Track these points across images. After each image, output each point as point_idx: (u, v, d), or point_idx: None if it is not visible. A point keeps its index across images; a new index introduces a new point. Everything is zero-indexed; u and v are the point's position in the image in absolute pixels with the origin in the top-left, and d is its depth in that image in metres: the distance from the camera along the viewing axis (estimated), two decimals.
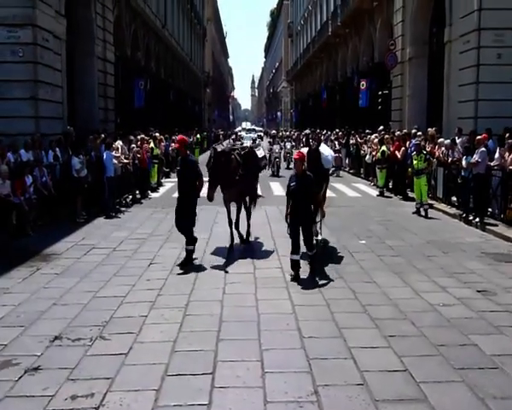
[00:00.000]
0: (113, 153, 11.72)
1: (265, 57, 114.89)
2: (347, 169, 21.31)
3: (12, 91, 11.89)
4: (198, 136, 29.43)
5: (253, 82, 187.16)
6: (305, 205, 6.66)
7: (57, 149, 11.45)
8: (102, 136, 12.82)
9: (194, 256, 7.36)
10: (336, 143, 21.62)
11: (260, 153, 8.74)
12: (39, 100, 12.32)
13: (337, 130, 24.65)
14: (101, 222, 10.43)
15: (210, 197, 7.48)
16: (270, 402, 3.74)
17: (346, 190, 15.75)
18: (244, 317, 5.33)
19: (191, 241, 7.22)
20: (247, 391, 3.89)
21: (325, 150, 8.07)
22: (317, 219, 7.83)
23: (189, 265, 7.06)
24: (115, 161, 11.51)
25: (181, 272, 6.88)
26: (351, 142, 20.67)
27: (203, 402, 3.72)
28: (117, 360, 4.31)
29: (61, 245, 8.28)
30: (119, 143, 12.73)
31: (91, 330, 4.92)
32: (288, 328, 5.05)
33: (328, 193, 14.50)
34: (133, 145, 13.47)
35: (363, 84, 23.25)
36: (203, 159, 10.85)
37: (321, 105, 35.00)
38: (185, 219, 7.20)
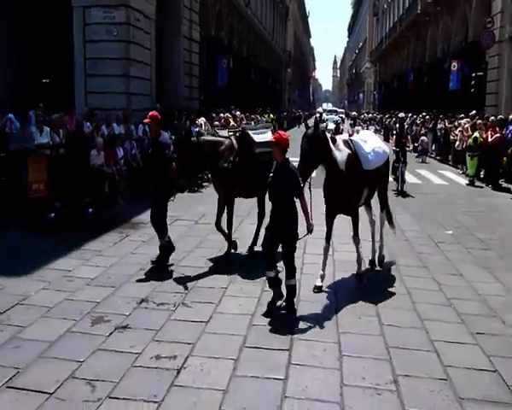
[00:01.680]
0: (197, 129, 12.06)
1: (348, 37, 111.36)
2: (433, 155, 20.19)
3: (106, 68, 12.63)
4: (271, 116, 27.88)
5: (334, 62, 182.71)
6: (280, 212, 4.79)
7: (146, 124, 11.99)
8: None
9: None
10: (422, 127, 20.52)
11: (261, 137, 6.29)
12: (131, 77, 12.98)
13: (423, 113, 23.35)
14: (184, 195, 10.81)
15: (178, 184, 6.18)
16: (346, 385, 3.69)
17: (431, 177, 14.95)
18: (321, 298, 5.29)
19: (162, 236, 6.12)
20: (323, 372, 3.87)
21: (366, 143, 5.77)
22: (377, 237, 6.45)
23: (162, 264, 6.01)
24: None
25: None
26: (438, 126, 19.50)
27: (280, 377, 3.76)
28: (198, 328, 4.49)
29: (148, 215, 8.70)
30: (202, 120, 13.07)
31: (174, 297, 5.17)
32: (367, 313, 4.93)
33: (414, 179, 14.04)
34: (216, 122, 13.76)
35: (454, 66, 21.76)
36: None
37: (407, 87, 33.36)
38: (156, 214, 6.12)
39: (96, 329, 4.43)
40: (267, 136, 6.25)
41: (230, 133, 6.69)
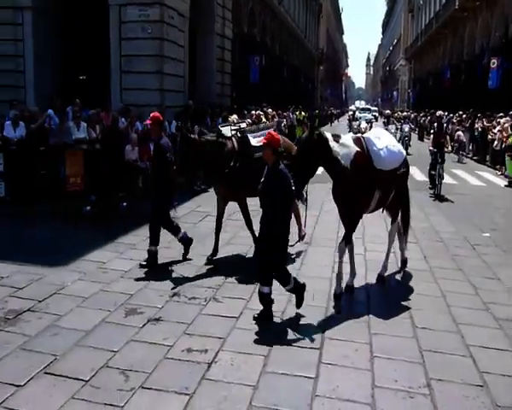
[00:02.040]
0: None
1: (383, 34, 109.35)
2: (470, 155, 19.59)
3: (141, 65, 12.84)
4: (303, 113, 26.54)
5: (368, 60, 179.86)
6: (270, 216, 4.46)
7: (179, 122, 12.15)
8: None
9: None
10: (459, 126, 19.95)
11: (257, 141, 5.80)
12: (164, 74, 13.16)
13: (460, 112, 22.70)
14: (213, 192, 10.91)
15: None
16: (378, 387, 3.64)
17: (468, 177, 14.51)
18: (352, 298, 5.23)
19: (155, 241, 6.00)
20: (354, 372, 3.83)
21: (379, 139, 5.34)
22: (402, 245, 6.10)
23: (151, 266, 5.88)
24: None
25: None
26: (476, 126, 18.92)
27: (310, 375, 3.74)
28: (228, 323, 4.52)
29: (180, 210, 8.83)
30: (234, 117, 13.11)
31: (206, 292, 5.22)
32: (399, 315, 4.84)
33: (449, 180, 13.67)
34: (249, 120, 13.76)
35: (493, 63, 21.05)
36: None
37: (443, 85, 32.48)
38: (157, 216, 6.03)
39: (130, 320, 4.52)
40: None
41: (233, 132, 6.17)
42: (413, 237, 7.66)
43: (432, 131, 11.72)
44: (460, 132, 19.08)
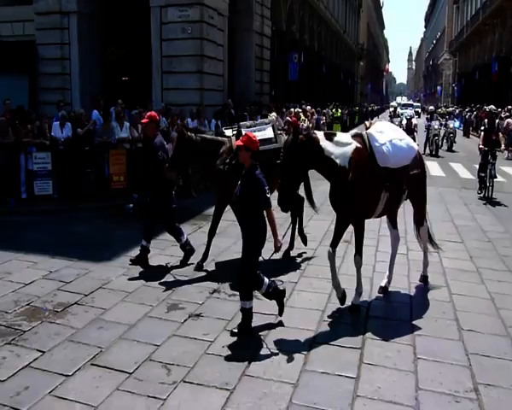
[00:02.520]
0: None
1: (425, 27, 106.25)
2: None
3: (181, 65, 13.05)
4: (339, 110, 25.40)
5: (410, 54, 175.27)
6: (243, 223, 4.28)
7: (219, 120, 12.26)
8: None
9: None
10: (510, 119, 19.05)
11: (259, 135, 5.29)
12: (204, 73, 13.31)
13: (509, 107, 21.71)
14: None
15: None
16: (422, 390, 3.54)
17: None
18: (395, 298, 5.11)
19: (148, 237, 6.01)
20: (397, 373, 3.74)
21: (382, 133, 4.74)
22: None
23: (142, 264, 5.90)
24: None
25: None
26: None
27: (351, 375, 3.69)
28: (268, 319, 4.52)
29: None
30: (274, 115, 13.10)
31: None
32: (444, 316, 4.69)
33: (498, 178, 13.06)
34: (288, 118, 13.73)
35: None
36: None
37: (490, 79, 31.15)
38: (150, 216, 6.03)
39: (172, 315, 4.61)
40: (266, 133, 5.71)
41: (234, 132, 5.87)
42: (458, 236, 7.41)
43: (482, 128, 10.86)
44: (509, 119, 18.19)
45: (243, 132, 5.33)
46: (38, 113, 10.52)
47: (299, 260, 6.29)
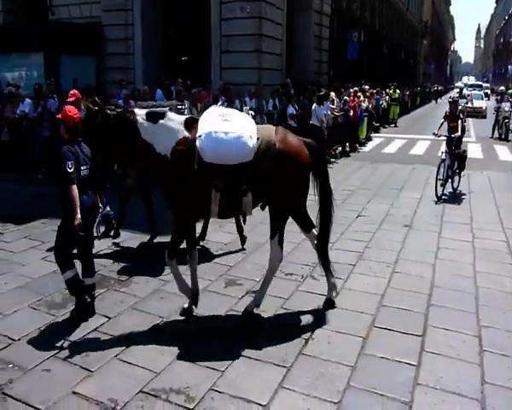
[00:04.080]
0: (329, 104, 11.86)
1: (496, 2, 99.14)
2: None
3: (240, 45, 12.99)
4: (397, 91, 23.14)
5: (478, 32, 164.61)
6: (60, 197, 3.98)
7: (276, 99, 12.17)
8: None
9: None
10: None
11: None
12: (262, 52, 13.19)
13: None
14: None
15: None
16: (488, 383, 3.37)
17: None
18: (459, 286, 4.88)
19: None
20: (461, 364, 3.59)
21: (206, 121, 3.96)
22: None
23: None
24: (328, 112, 11.64)
25: None
26: None
27: (412, 362, 3.58)
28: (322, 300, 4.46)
29: None
30: (333, 95, 12.83)
31: (302, 268, 5.22)
32: None
33: None
34: (346, 97, 13.39)
35: None
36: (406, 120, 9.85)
37: None
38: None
39: (229, 291, 4.68)
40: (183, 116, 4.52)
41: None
42: None
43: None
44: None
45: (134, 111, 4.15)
46: (105, 91, 10.92)
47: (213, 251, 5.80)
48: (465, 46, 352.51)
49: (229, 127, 3.89)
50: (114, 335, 3.87)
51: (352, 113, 13.32)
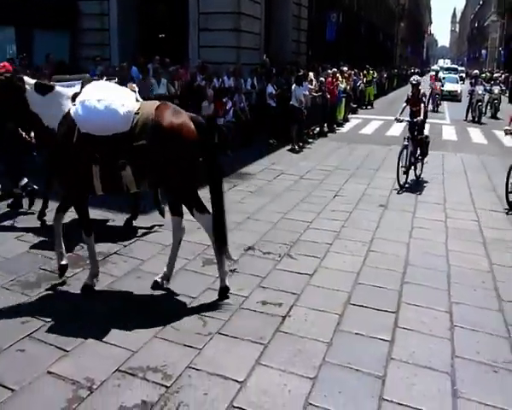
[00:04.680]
0: (308, 85, 11.83)
1: None
2: None
3: (218, 23, 12.78)
4: (371, 72, 22.85)
5: (453, 16, 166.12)
6: None
7: (254, 78, 12.07)
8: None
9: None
10: None
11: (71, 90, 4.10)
12: (241, 31, 13.01)
13: None
14: (288, 150, 10.88)
15: None
16: (458, 357, 3.49)
17: None
18: (432, 265, 5.00)
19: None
20: (432, 339, 3.70)
21: (82, 94, 3.89)
22: None
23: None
24: (307, 92, 11.62)
25: None
26: None
27: (385, 338, 3.66)
28: (302, 279, 4.53)
29: (254, 167, 8.94)
30: (311, 75, 12.79)
31: (280, 247, 5.25)
32: (483, 286, 4.57)
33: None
34: (322, 78, 13.37)
35: None
36: (383, 101, 9.98)
37: None
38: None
39: (207, 269, 4.68)
40: (75, 90, 4.18)
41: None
42: (500, 206, 7.15)
43: None
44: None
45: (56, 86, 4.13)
46: (79, 68, 10.60)
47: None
48: (441, 30, 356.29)
49: (102, 95, 3.80)
50: (90, 315, 3.83)
51: (329, 94, 13.33)
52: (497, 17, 55.92)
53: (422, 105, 8.16)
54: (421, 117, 8.07)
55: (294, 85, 11.05)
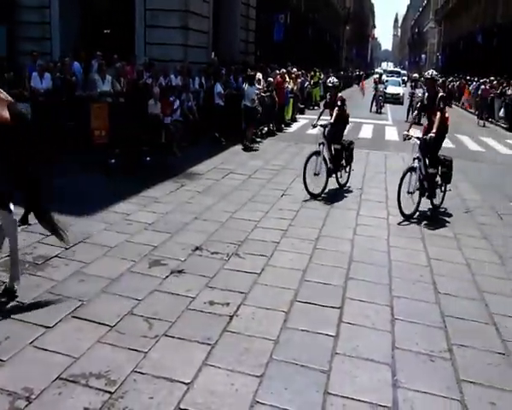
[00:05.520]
0: (256, 85, 11.88)
1: None
2: (499, 123, 19.00)
3: (166, 20, 12.60)
4: (317, 74, 23.07)
5: (395, 21, 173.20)
6: None
7: (202, 77, 11.98)
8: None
9: None
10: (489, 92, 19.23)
11: None
12: (189, 29, 12.89)
13: (492, 78, 21.86)
14: (237, 149, 10.91)
15: None
16: (398, 348, 3.64)
17: (497, 145, 14.15)
18: (375, 260, 5.19)
19: None
20: (375, 332, 3.84)
21: None
22: None
23: None
24: (256, 91, 11.68)
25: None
26: (508, 92, 18.22)
27: (331, 333, 3.76)
28: (250, 278, 4.55)
29: (203, 166, 8.88)
30: (259, 76, 12.88)
31: (228, 247, 5.25)
32: (421, 279, 4.81)
33: (476, 147, 13.33)
34: (270, 79, 13.51)
35: None
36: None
37: (474, 50, 31.18)
38: None
39: (154, 271, 4.60)
40: None
41: None
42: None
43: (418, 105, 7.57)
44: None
45: None
46: (18, 62, 10.07)
47: None
48: (384, 34, 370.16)
49: None
50: (29, 321, 3.65)
51: (278, 94, 13.48)
52: (435, 24, 58.98)
53: (336, 109, 7.36)
54: (331, 120, 7.32)
55: (246, 85, 11.07)
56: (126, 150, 8.71)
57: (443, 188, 7.07)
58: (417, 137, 6.80)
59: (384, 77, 28.99)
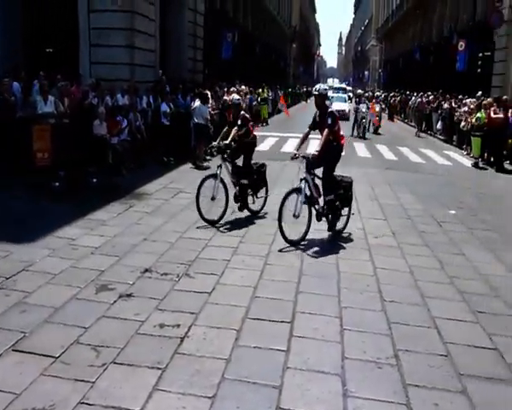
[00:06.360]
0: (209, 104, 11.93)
1: (355, 13, 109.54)
2: (437, 135, 20.12)
3: (111, 39, 12.45)
4: (265, 91, 23.39)
5: (340, 39, 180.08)
6: None
7: (150, 96, 11.90)
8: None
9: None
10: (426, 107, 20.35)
11: None
12: (135, 48, 12.79)
13: (429, 93, 23.15)
14: (187, 168, 10.86)
15: None
16: (348, 358, 3.73)
17: (435, 157, 14.94)
18: (324, 273, 5.31)
19: None
20: (325, 344, 3.91)
21: None
22: None
23: None
24: (210, 109, 11.72)
25: None
26: (444, 106, 19.34)
27: (282, 348, 3.80)
28: (201, 298, 4.52)
29: (152, 186, 8.77)
30: (208, 94, 12.96)
31: (178, 267, 5.20)
32: (368, 289, 4.96)
33: (417, 159, 14.04)
34: (225, 97, 13.61)
35: (461, 45, 21.45)
36: (278, 118, 10.37)
37: (412, 66, 32.91)
38: None
39: (101, 296, 4.47)
40: None
41: None
42: (382, 214, 7.84)
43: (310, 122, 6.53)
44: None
45: None
46: None
47: None
48: (329, 52, 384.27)
49: None
50: None
51: (227, 112, 13.59)
52: (377, 42, 61.76)
53: (235, 128, 6.98)
54: (227, 141, 6.87)
55: (199, 103, 11.07)
56: (71, 172, 8.46)
57: (343, 212, 6.52)
58: (303, 156, 6.15)
59: (330, 93, 29.91)
